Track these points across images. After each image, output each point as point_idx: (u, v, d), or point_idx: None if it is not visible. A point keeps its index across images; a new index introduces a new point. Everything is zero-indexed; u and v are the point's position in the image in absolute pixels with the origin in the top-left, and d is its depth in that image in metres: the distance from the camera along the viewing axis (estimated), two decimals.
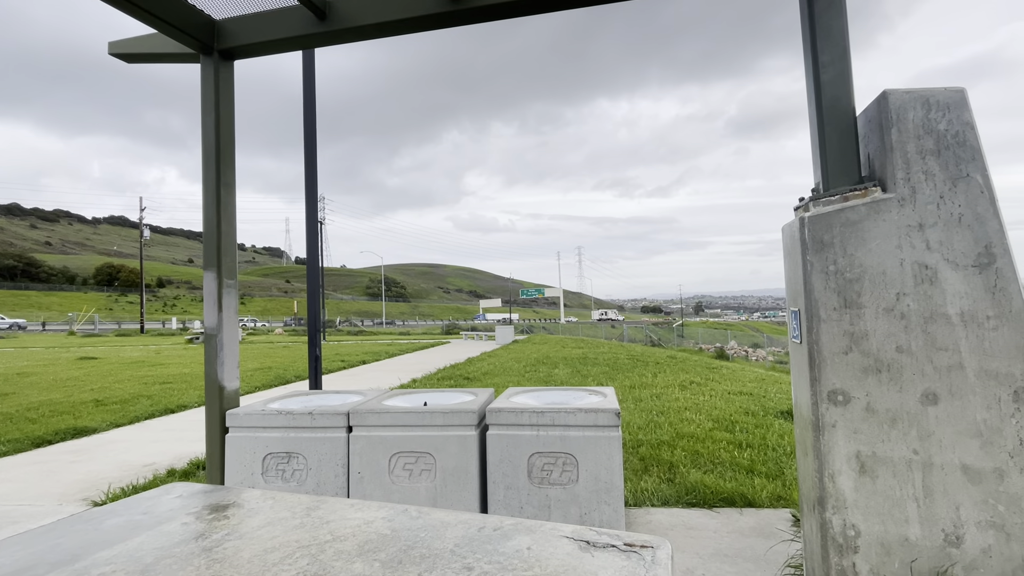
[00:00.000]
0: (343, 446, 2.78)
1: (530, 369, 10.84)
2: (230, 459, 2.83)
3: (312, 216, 4.97)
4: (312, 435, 2.80)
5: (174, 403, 7.55)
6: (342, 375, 11.83)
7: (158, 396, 8.17)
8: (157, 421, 6.63)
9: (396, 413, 2.80)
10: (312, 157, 4.89)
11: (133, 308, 66.23)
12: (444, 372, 10.86)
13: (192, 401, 7.75)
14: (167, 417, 6.87)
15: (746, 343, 38.03)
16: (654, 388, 7.87)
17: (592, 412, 2.63)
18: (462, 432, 2.71)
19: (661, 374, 9.65)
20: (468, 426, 2.73)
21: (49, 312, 59.67)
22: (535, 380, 9.19)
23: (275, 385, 9.82)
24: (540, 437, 2.63)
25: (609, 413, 2.63)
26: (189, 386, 9.33)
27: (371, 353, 16.93)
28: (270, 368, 12.32)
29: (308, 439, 2.80)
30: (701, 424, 5.37)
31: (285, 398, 3.31)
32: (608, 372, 10.08)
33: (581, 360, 12.44)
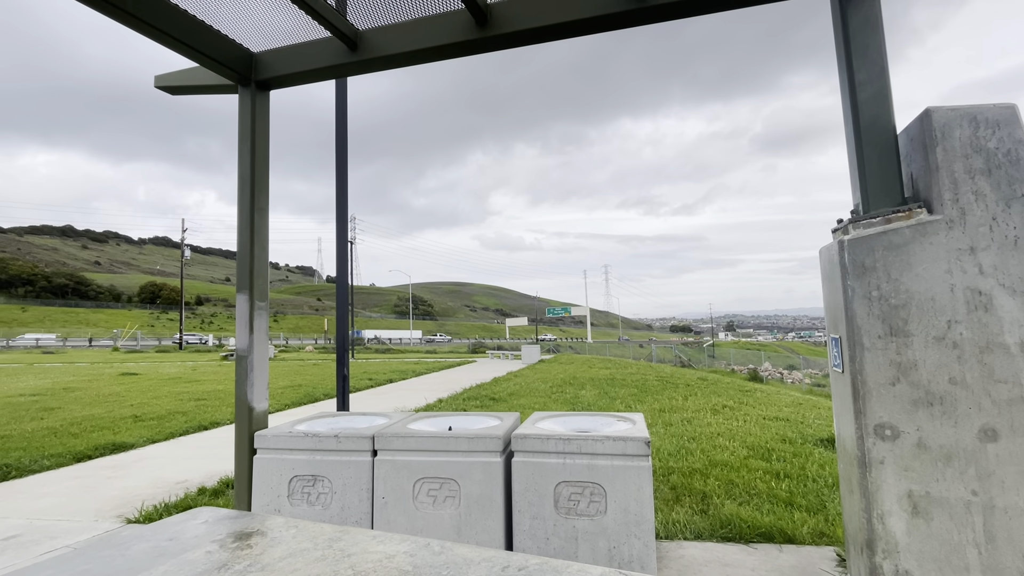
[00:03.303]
0: (368, 470, 2.77)
1: (556, 390, 10.71)
2: (257, 481, 2.85)
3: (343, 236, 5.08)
4: (338, 458, 2.80)
5: (207, 420, 7.72)
6: (369, 394, 11.92)
7: (193, 412, 8.39)
8: (191, 438, 6.79)
9: (421, 437, 2.77)
10: (343, 180, 5.01)
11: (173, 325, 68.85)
12: (470, 392, 10.82)
13: (225, 418, 7.92)
14: (200, 434, 7.02)
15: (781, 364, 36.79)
16: (684, 412, 7.66)
17: (621, 440, 2.55)
18: (487, 458, 2.66)
19: (692, 397, 9.40)
20: (493, 452, 2.68)
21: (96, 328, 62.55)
22: (561, 402, 9.06)
23: (305, 403, 9.95)
24: (567, 465, 2.56)
25: (639, 442, 2.54)
26: (222, 403, 9.55)
27: (398, 372, 17.05)
28: (300, 386, 12.52)
29: (333, 462, 2.79)
30: (735, 451, 5.17)
31: (312, 419, 3.33)
32: (636, 394, 9.87)
33: (608, 381, 12.23)
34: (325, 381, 13.79)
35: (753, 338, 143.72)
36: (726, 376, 20.19)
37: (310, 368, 20.01)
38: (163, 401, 9.89)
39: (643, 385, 11.42)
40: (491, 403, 9.17)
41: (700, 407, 8.12)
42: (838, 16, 2.20)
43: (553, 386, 11.47)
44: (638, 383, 11.79)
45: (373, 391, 12.41)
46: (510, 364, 22.72)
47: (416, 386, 13.61)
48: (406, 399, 10.27)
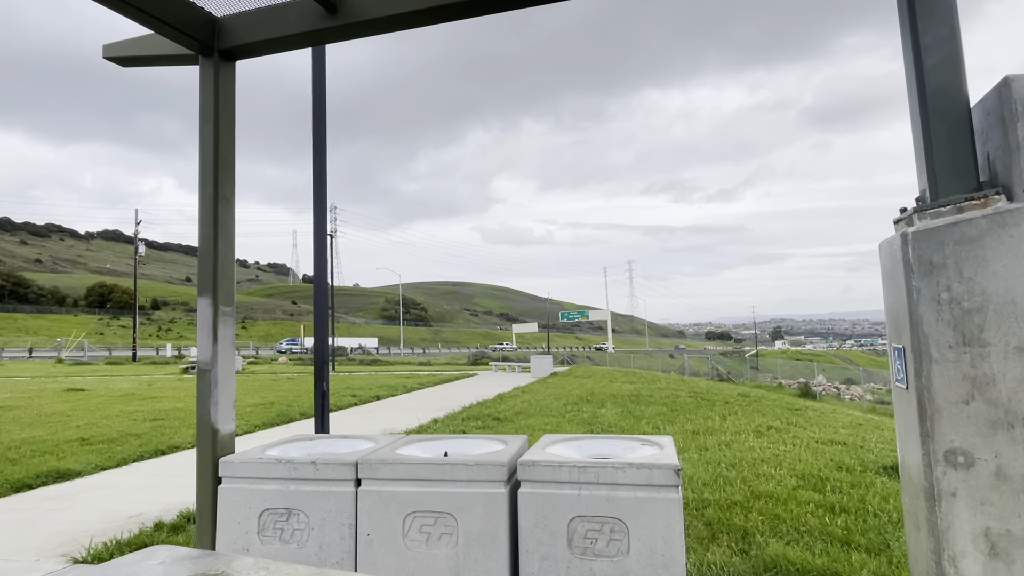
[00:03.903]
0: (350, 502, 2.79)
1: (571, 409, 10.71)
2: (223, 514, 2.88)
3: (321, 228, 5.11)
4: (315, 488, 2.82)
5: (165, 443, 7.80)
6: (353, 413, 11.97)
7: (148, 435, 8.47)
8: (146, 464, 6.85)
9: (412, 464, 2.79)
10: (321, 163, 5.05)
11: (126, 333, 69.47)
12: (470, 411, 10.85)
13: (185, 441, 7.99)
14: (157, 460, 7.09)
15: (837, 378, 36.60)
16: (723, 434, 7.65)
17: (646, 468, 2.56)
18: (489, 489, 2.67)
19: (731, 416, 9.38)
20: (496, 482, 2.69)
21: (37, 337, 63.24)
22: (577, 423, 9.06)
23: (277, 424, 10.01)
24: (583, 497, 2.57)
25: (667, 470, 2.54)
26: (182, 423, 9.63)
27: (386, 387, 17.12)
28: (272, 404, 12.60)
29: (311, 493, 2.82)
30: (782, 481, 5.15)
31: (286, 443, 3.36)
32: (666, 413, 9.86)
33: (633, 398, 12.22)
34: (301, 398, 13.86)
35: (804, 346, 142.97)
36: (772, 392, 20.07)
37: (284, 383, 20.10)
38: (114, 421, 9.99)
39: (674, 402, 11.39)
40: (495, 424, 9.18)
41: (741, 428, 8.10)
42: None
43: (567, 404, 11.47)
44: (668, 400, 11.77)
45: (357, 410, 12.46)
46: (517, 378, 22.75)
47: (407, 404, 13.63)
48: (395, 419, 10.30)
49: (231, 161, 3.24)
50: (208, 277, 3.12)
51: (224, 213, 3.19)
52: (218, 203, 3.16)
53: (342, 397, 13.93)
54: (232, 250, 3.23)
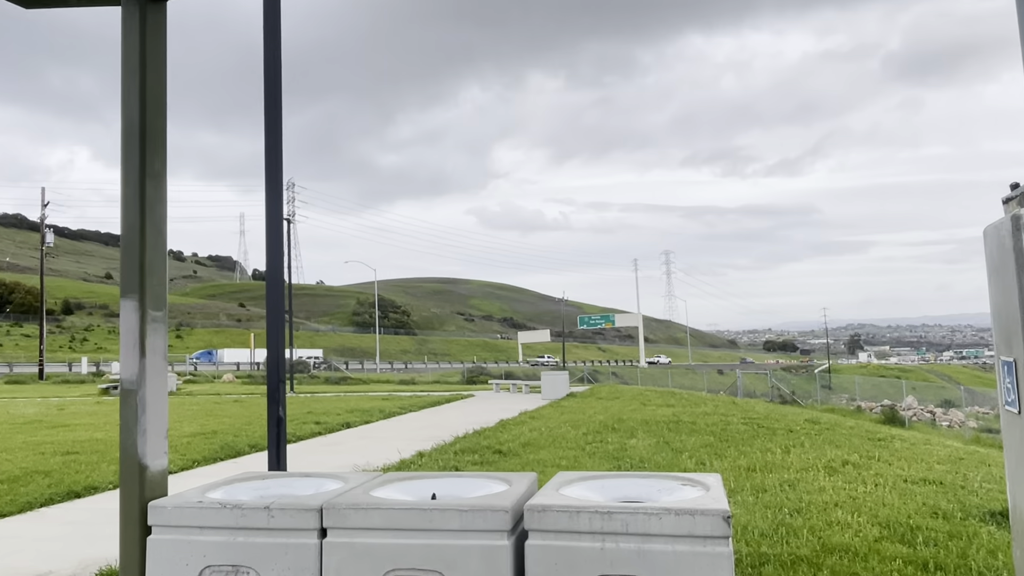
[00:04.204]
0: (313, 557, 2.80)
1: (593, 439, 10.72)
2: (152, 572, 2.90)
3: (275, 212, 5.13)
4: (269, 540, 2.84)
5: (81, 483, 7.85)
6: (316, 445, 11.99)
7: (59, 472, 8.52)
8: (57, 509, 6.89)
9: (392, 510, 2.80)
10: (275, 129, 5.07)
11: (30, 344, 69.85)
12: (464, 443, 10.87)
13: (106, 481, 8.04)
14: (71, 504, 7.13)
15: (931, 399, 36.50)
16: (785, 471, 7.65)
17: (688, 514, 2.56)
18: (489, 541, 2.68)
19: (797, 448, 9.38)
20: (498, 532, 2.69)
21: None
22: (600, 457, 9.07)
23: (221, 459, 10.04)
24: (607, 552, 2.57)
25: (714, 517, 2.54)
26: (102, 458, 9.69)
27: (359, 411, 17.17)
28: (215, 433, 12.65)
29: (263, 546, 2.83)
30: (861, 530, 5.15)
31: (233, 482, 3.38)
32: (713, 445, 9.86)
33: (671, 425, 12.22)
34: (252, 425, 13.91)
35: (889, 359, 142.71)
36: (848, 416, 20.01)
37: (229, 407, 20.16)
38: (16, 456, 10.06)
39: (723, 431, 11.38)
40: (496, 459, 9.19)
41: (809, 463, 8.09)
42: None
43: (588, 433, 11.48)
44: (715, 428, 11.76)
45: (322, 441, 12.49)
46: (524, 399, 22.76)
47: (385, 433, 13.64)
48: (370, 452, 10.32)
49: (162, 127, 3.25)
50: (133, 274, 3.14)
51: (153, 192, 3.20)
52: (145, 180, 3.17)
53: (303, 424, 13.97)
54: (164, 239, 3.25)
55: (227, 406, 20.48)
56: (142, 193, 3.16)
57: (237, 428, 13.52)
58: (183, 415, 16.80)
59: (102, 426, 14.21)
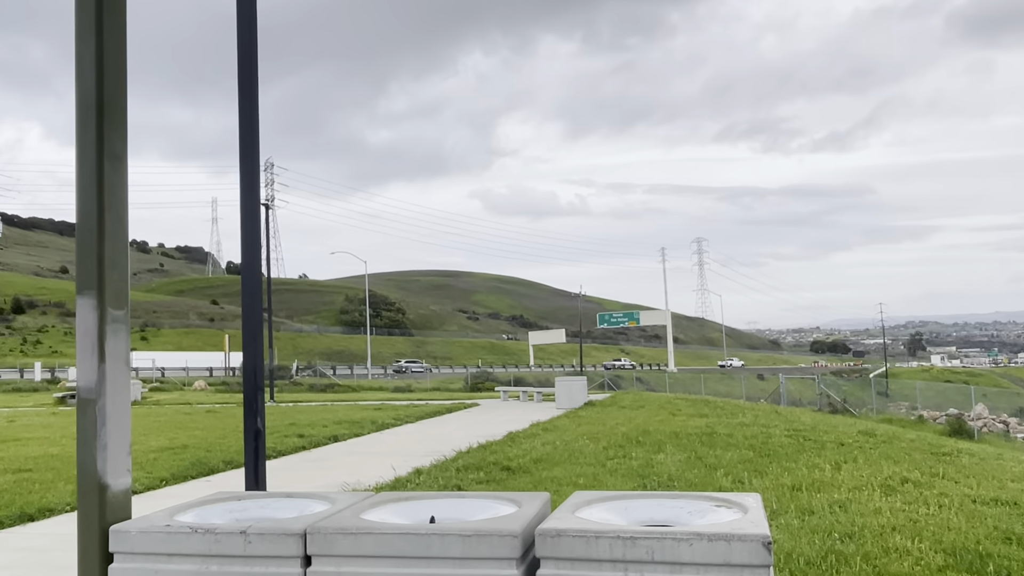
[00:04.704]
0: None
1: (614, 454, 10.73)
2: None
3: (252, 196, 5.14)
4: (246, 569, 2.85)
5: (34, 505, 7.90)
6: (300, 461, 12.02)
7: (10, 493, 8.59)
8: (8, 533, 6.94)
9: (385, 535, 2.81)
10: (251, 102, 5.08)
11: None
12: (468, 458, 10.89)
13: (62, 502, 8.10)
14: (23, 528, 7.18)
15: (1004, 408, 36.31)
16: (836, 490, 7.64)
17: (722, 540, 2.55)
18: (495, 570, 2.68)
19: (849, 464, 9.36)
20: (506, 560, 2.70)
21: None
22: (623, 475, 9.07)
23: (192, 477, 10.08)
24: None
25: (752, 542, 2.54)
26: (58, 476, 9.77)
27: (347, 423, 17.22)
28: (185, 447, 12.73)
29: (240, 575, 2.84)
30: (923, 558, 5.14)
31: (205, 504, 3.40)
32: (752, 460, 9.85)
33: (704, 438, 12.21)
34: (226, 439, 13.97)
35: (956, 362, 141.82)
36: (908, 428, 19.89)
37: (201, 418, 20.23)
38: None
39: (763, 444, 11.37)
40: (503, 477, 9.20)
41: (863, 482, 8.08)
42: None
43: (609, 447, 11.48)
44: (755, 441, 11.74)
45: (306, 456, 12.53)
46: (536, 409, 22.74)
47: (378, 447, 13.64)
48: (361, 470, 10.36)
49: (122, 100, 3.26)
50: (91, 267, 3.15)
51: (113, 175, 3.21)
52: (104, 161, 3.18)
53: (285, 438, 14.03)
54: (125, 229, 3.26)
55: (199, 417, 20.58)
56: (100, 176, 3.17)
57: (210, 442, 13.57)
58: (149, 427, 16.89)
59: (58, 440, 14.32)
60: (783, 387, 35.40)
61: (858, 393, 40.51)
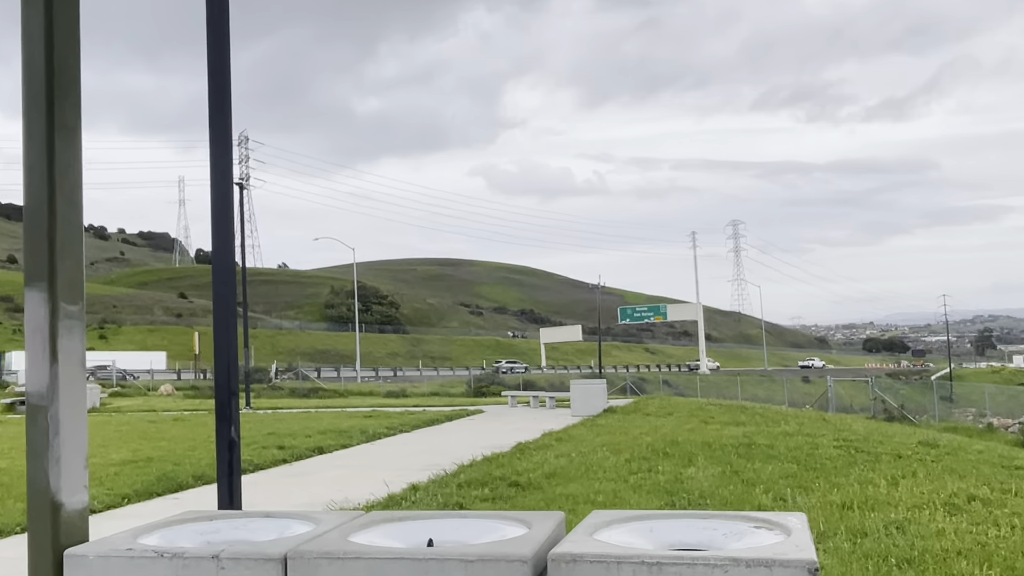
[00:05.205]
0: None
1: (638, 468, 10.73)
2: None
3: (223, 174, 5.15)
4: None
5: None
6: (280, 476, 12.06)
7: None
8: None
9: (376, 560, 2.81)
10: (222, 68, 5.07)
11: None
12: (471, 472, 10.91)
13: (12, 522, 8.14)
14: None
15: None
16: (892, 509, 7.62)
17: (762, 566, 2.55)
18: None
19: (907, 479, 9.34)
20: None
21: None
22: (648, 491, 9.07)
23: (158, 494, 10.12)
24: None
25: (796, 568, 2.53)
26: (7, 492, 9.82)
27: (334, 432, 17.27)
28: (150, 460, 12.79)
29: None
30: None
31: (173, 525, 3.41)
32: (796, 475, 9.84)
33: (741, 449, 12.20)
34: (196, 451, 14.03)
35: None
36: (976, 437, 19.77)
37: (168, 427, 20.29)
38: None
39: (808, 456, 11.35)
40: (512, 493, 9.22)
41: (923, 500, 8.05)
42: None
43: (632, 460, 11.48)
44: (800, 453, 11.73)
45: (286, 471, 12.56)
46: (549, 416, 22.75)
47: (368, 459, 13.67)
48: (349, 485, 10.39)
49: (74, 66, 3.26)
50: (40, 256, 3.16)
51: (65, 151, 3.22)
52: (54, 135, 3.19)
53: (263, 450, 14.08)
54: (79, 212, 3.26)
55: (165, 426, 20.65)
56: (51, 152, 3.17)
57: (178, 454, 13.62)
58: (109, 438, 16.96)
59: (6, 452, 14.40)
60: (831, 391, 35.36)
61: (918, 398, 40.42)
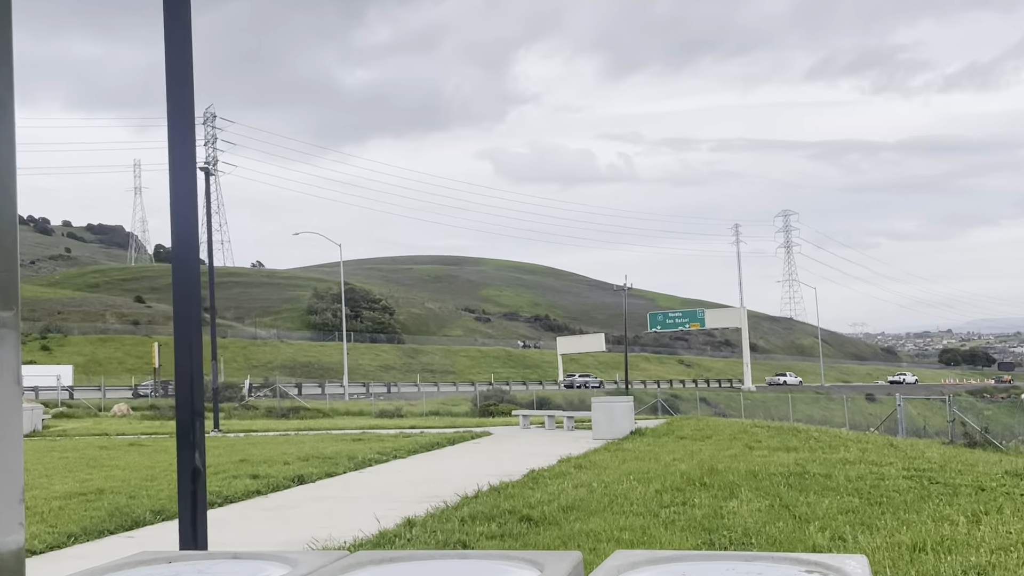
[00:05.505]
0: None
1: (671, 500, 10.75)
2: None
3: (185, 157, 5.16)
4: None
5: None
6: (253, 509, 12.07)
7: None
8: None
9: None
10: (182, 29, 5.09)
11: None
12: (477, 505, 10.92)
13: None
14: None
15: None
16: (973, 551, 7.59)
17: None
18: None
19: (991, 516, 9.32)
20: None
21: None
22: (684, 529, 9.07)
23: (110, 531, 10.15)
24: None
25: None
26: None
27: (317, 459, 17.30)
28: (101, 493, 12.84)
29: None
30: None
31: (126, 568, 3.42)
32: (858, 510, 9.83)
33: (793, 479, 12.18)
34: (155, 482, 14.08)
35: None
36: None
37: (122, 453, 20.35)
38: None
39: (874, 488, 11.33)
40: (523, 530, 9.22)
41: (1010, 540, 8.02)
42: None
43: (664, 490, 11.48)
44: (862, 483, 11.71)
45: (262, 503, 12.60)
46: (566, 439, 22.80)
47: (357, 490, 13.67)
48: (333, 521, 10.41)
49: (5, 30, 3.27)
50: None
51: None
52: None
53: (233, 479, 14.12)
54: (13, 200, 3.27)
55: (119, 452, 20.70)
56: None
57: (134, 485, 13.67)
58: (52, 466, 17.02)
59: None
60: (901, 411, 35.15)
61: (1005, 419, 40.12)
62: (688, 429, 23.64)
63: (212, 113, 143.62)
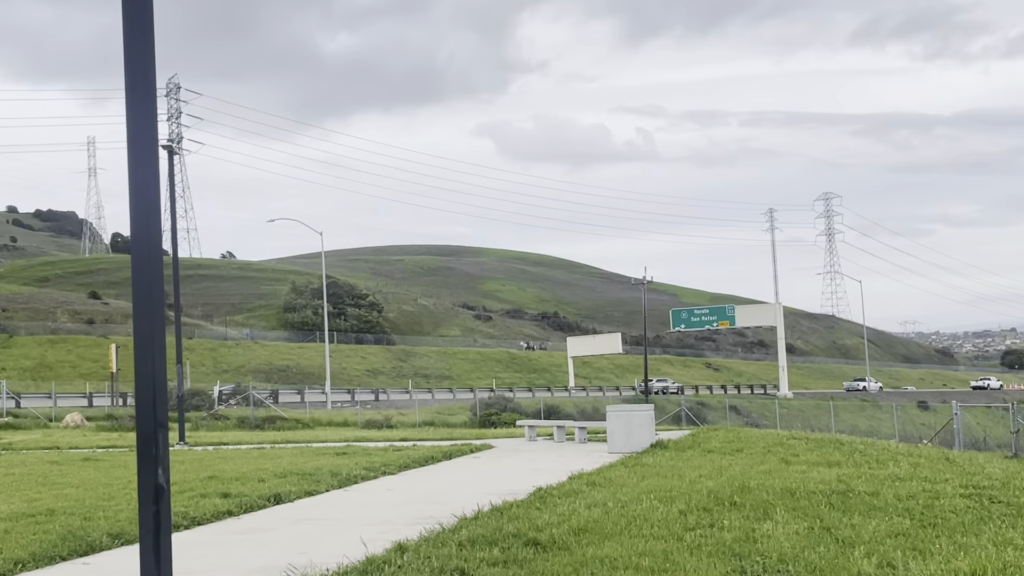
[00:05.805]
0: None
1: (697, 522, 10.73)
2: None
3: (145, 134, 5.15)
4: None
5: None
6: (223, 533, 12.04)
7: None
8: None
9: None
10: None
11: None
12: (476, 527, 10.90)
13: None
14: None
15: None
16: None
17: None
18: None
19: None
20: None
21: None
22: (711, 555, 9.06)
23: (61, 558, 10.11)
24: None
25: None
26: None
27: (296, 475, 17.28)
28: (51, 513, 12.79)
29: None
30: None
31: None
32: (910, 532, 9.81)
33: (835, 497, 12.16)
34: (113, 501, 14.03)
35: None
36: None
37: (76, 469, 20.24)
38: None
39: (927, 508, 11.32)
40: (530, 556, 9.21)
41: None
42: None
43: (688, 510, 11.48)
44: (913, 503, 11.70)
45: (232, 526, 12.56)
46: (578, 452, 22.80)
47: (341, 511, 13.62)
48: (314, 545, 10.41)
49: None
50: None
51: None
52: None
53: (201, 498, 14.08)
54: None
55: (72, 468, 20.64)
56: None
57: (89, 505, 13.61)
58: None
59: None
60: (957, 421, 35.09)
61: None
62: (716, 441, 23.63)
63: (176, 84, 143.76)
